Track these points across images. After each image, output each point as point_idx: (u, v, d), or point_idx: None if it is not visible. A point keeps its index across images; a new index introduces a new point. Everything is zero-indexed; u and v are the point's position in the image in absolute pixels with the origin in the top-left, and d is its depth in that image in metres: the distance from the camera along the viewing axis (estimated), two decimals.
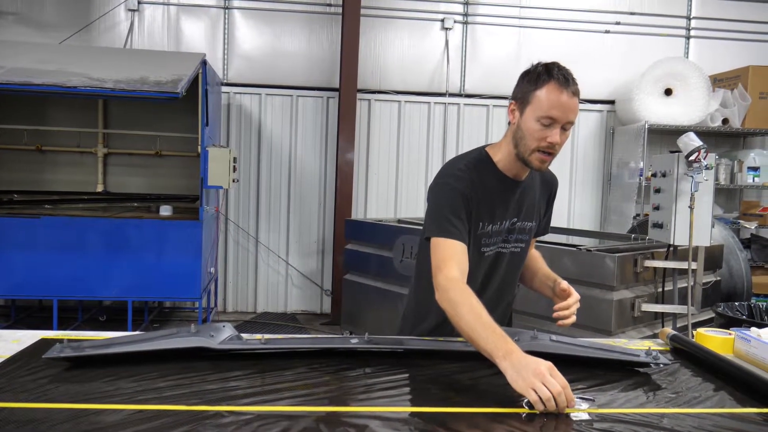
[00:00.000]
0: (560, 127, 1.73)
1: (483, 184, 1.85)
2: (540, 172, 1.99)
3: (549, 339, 1.71)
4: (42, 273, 5.04)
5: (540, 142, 1.74)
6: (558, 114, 1.71)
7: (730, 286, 4.50)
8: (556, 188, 2.13)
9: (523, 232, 1.97)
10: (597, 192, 7.05)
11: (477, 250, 1.87)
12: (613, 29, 6.92)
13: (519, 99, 1.80)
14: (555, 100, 1.70)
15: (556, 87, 1.71)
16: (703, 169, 3.38)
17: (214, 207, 5.89)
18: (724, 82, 6.66)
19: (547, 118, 1.71)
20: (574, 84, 1.74)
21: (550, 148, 1.75)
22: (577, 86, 1.75)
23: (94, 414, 1.25)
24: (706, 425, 1.31)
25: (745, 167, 6.46)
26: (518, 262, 2.01)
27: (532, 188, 1.98)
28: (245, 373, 1.52)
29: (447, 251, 1.75)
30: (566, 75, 1.75)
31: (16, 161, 6.27)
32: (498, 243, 1.91)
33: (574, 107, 1.73)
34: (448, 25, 6.72)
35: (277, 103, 6.64)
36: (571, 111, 1.72)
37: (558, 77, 1.73)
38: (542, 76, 1.75)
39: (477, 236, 1.86)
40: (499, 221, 1.88)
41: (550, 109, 1.70)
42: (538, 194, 2.02)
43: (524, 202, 1.95)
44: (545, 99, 1.71)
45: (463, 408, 1.35)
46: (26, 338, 1.75)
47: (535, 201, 2.01)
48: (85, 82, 4.74)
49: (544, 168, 1.84)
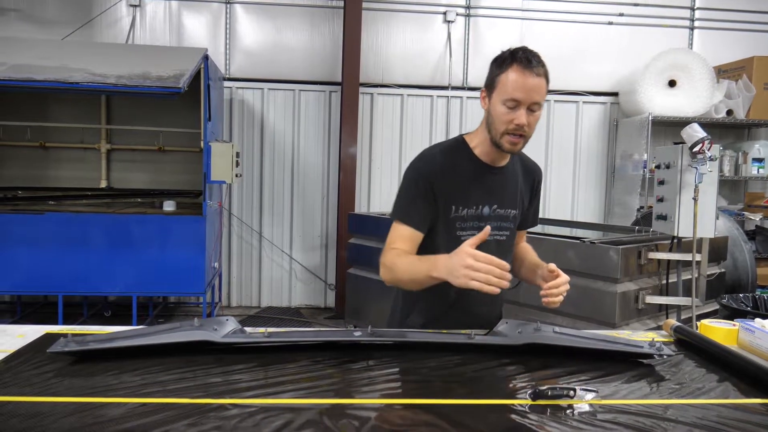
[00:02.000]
0: (527, 109, 1.76)
1: (456, 169, 1.88)
2: (522, 161, 2.03)
3: (552, 330, 1.70)
4: (47, 269, 5.06)
5: (508, 124, 1.77)
6: (521, 95, 1.74)
7: (735, 278, 4.48)
8: (540, 178, 2.12)
9: (506, 219, 1.96)
10: (601, 184, 7.03)
11: (452, 234, 1.88)
12: (617, 21, 6.88)
13: (488, 85, 1.84)
14: (518, 81, 1.74)
15: (519, 69, 1.74)
16: (707, 161, 3.36)
17: (217, 202, 5.89)
18: (729, 73, 6.62)
19: (511, 101, 1.75)
20: (538, 65, 1.76)
21: (518, 130, 1.78)
22: (544, 68, 1.77)
23: (98, 407, 1.25)
24: (710, 416, 1.30)
25: (749, 158, 6.43)
26: (504, 251, 1.97)
27: (514, 176, 1.99)
28: (249, 366, 1.52)
29: (396, 235, 1.87)
30: (530, 57, 1.77)
31: (19, 158, 6.28)
32: (476, 228, 1.88)
33: (537, 88, 1.75)
34: (450, 18, 6.70)
35: (280, 97, 6.63)
36: (534, 92, 1.74)
37: (521, 59, 1.76)
38: (506, 61, 1.79)
39: (450, 220, 1.87)
40: (475, 206, 1.89)
41: (513, 92, 1.74)
42: (521, 182, 2.02)
43: (506, 189, 1.95)
44: (509, 82, 1.75)
45: (466, 400, 1.35)
46: (31, 333, 1.75)
47: (518, 189, 2.01)
48: (87, 78, 4.74)
49: (516, 150, 1.86)
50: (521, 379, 1.49)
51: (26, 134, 6.10)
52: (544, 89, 1.77)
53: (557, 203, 6.94)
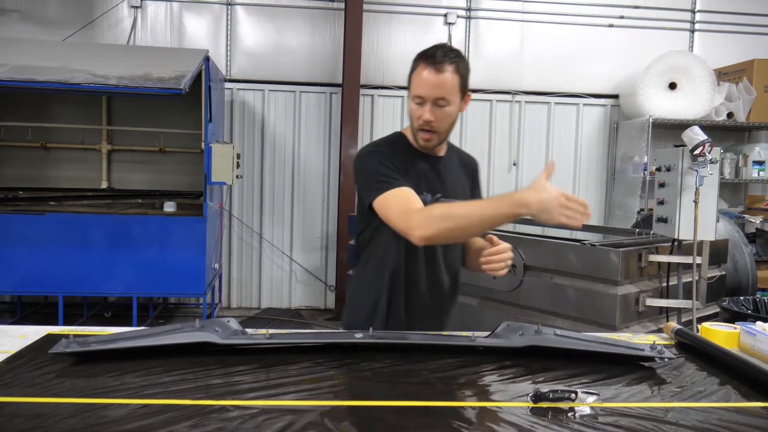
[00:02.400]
0: (433, 104, 1.79)
1: (401, 158, 1.89)
2: (458, 154, 2.08)
3: (553, 333, 1.70)
4: (47, 269, 5.06)
5: (417, 121, 1.83)
6: (423, 92, 1.78)
7: (735, 281, 4.48)
8: (476, 169, 2.15)
9: None
10: (601, 187, 7.03)
11: None
12: (617, 23, 6.88)
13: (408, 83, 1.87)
14: (420, 78, 1.78)
15: (423, 66, 1.78)
16: (707, 163, 3.36)
17: (217, 203, 5.90)
18: (729, 75, 6.62)
19: (416, 98, 1.80)
20: (443, 61, 1.77)
21: (426, 126, 1.82)
22: (451, 63, 1.78)
23: (100, 408, 1.25)
24: (712, 419, 1.30)
25: (750, 161, 6.43)
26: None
27: (452, 166, 2.02)
28: (250, 367, 1.53)
29: (402, 197, 1.77)
30: (436, 53, 1.78)
31: (20, 158, 6.28)
32: None
33: (440, 83, 1.77)
34: (451, 20, 6.70)
35: (280, 98, 6.64)
36: (437, 87, 1.77)
37: (427, 57, 1.79)
38: (416, 61, 1.82)
39: None
40: (421, 193, 1.89)
41: (417, 88, 1.80)
42: (460, 173, 2.06)
43: (447, 179, 1.98)
44: (414, 79, 1.81)
45: (468, 402, 1.36)
46: (32, 334, 1.75)
47: (459, 179, 2.04)
48: (88, 79, 4.74)
49: (428, 146, 1.90)
50: (522, 382, 1.49)
51: (27, 135, 6.10)
52: (449, 84, 1.78)
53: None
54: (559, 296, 3.54)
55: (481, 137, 6.83)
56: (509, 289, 3.75)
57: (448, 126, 1.88)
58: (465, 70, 1.84)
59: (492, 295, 3.87)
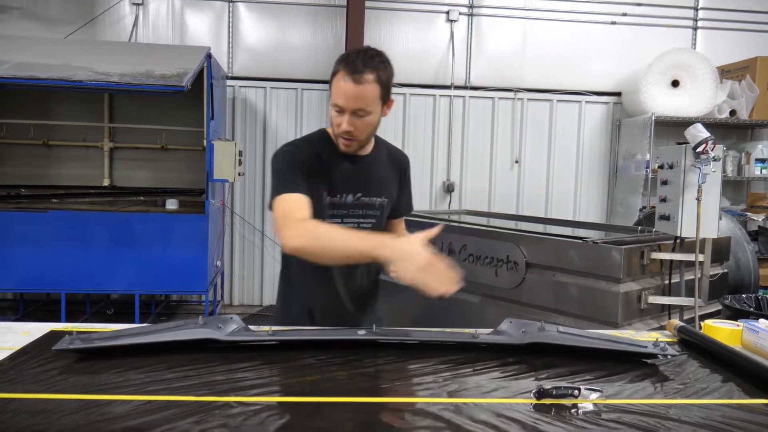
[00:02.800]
0: (353, 114, 1.78)
1: (320, 158, 1.90)
2: (388, 150, 2.08)
3: (556, 330, 1.70)
4: (50, 267, 5.07)
5: (337, 128, 1.83)
6: (342, 102, 1.77)
7: (737, 279, 4.47)
8: (405, 166, 2.14)
9: (371, 207, 1.99)
10: (603, 184, 7.02)
11: (323, 219, 1.91)
12: (620, 20, 6.87)
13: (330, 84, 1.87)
14: (340, 88, 1.76)
15: (342, 76, 1.76)
16: (710, 161, 3.35)
17: (219, 200, 5.90)
18: (732, 73, 6.61)
19: (335, 106, 1.80)
20: (363, 71, 1.75)
21: (345, 135, 1.82)
22: (372, 72, 1.76)
23: (103, 405, 1.26)
24: (715, 416, 1.30)
25: (752, 159, 6.41)
26: None
27: (378, 165, 2.02)
28: (253, 364, 1.53)
29: (290, 203, 1.79)
30: (357, 62, 1.76)
31: (22, 156, 6.29)
32: (341, 216, 1.94)
33: (359, 95, 1.75)
34: (453, 18, 6.69)
35: (282, 96, 6.63)
36: (357, 99, 1.75)
37: (347, 65, 1.76)
38: (337, 65, 1.80)
39: (319, 205, 1.89)
40: (339, 194, 1.93)
41: (336, 98, 1.78)
42: (387, 171, 2.05)
43: (370, 178, 1.98)
44: (334, 88, 1.79)
45: (471, 399, 1.36)
46: (36, 330, 1.76)
47: (383, 177, 2.03)
48: (90, 76, 4.74)
49: (349, 151, 1.90)
50: (525, 379, 1.49)
51: (29, 132, 6.11)
52: (369, 96, 1.76)
53: (559, 203, 6.94)
54: (561, 293, 3.53)
55: (483, 135, 6.82)
56: (511, 286, 3.74)
57: (368, 133, 1.89)
58: (387, 76, 1.82)
59: (493, 293, 3.87)
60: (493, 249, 3.84)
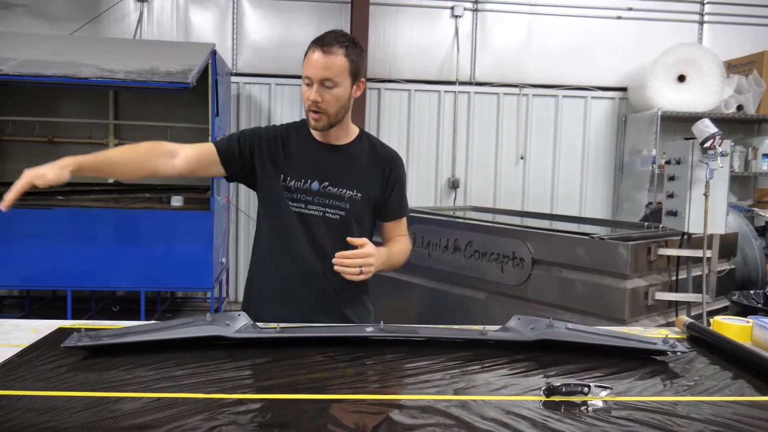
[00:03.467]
0: (320, 85, 1.84)
1: (290, 142, 1.99)
2: (374, 149, 2.07)
3: (565, 327, 1.69)
4: (55, 264, 5.08)
5: (306, 102, 1.88)
6: (310, 72, 1.85)
7: (745, 274, 4.45)
8: (393, 166, 2.08)
9: (340, 198, 1.98)
10: (609, 180, 7.00)
11: (283, 202, 1.97)
12: (625, 15, 6.84)
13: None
14: (309, 60, 1.86)
15: (311, 49, 1.86)
16: (718, 156, 3.33)
17: (224, 197, 5.90)
18: (739, 68, 6.57)
19: (305, 78, 1.87)
20: (332, 44, 1.84)
21: (313, 107, 1.87)
22: (341, 47, 1.85)
23: (112, 402, 1.25)
24: (725, 413, 1.29)
25: (759, 154, 6.38)
26: (339, 232, 1.98)
27: (357, 158, 2.02)
28: (261, 361, 1.53)
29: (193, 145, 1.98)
30: (325, 37, 1.86)
31: (28, 153, 6.29)
32: (305, 202, 1.97)
33: (327, 65, 1.83)
34: (457, 13, 6.67)
35: (287, 92, 6.63)
36: (323, 68, 1.83)
37: (317, 40, 1.87)
38: (309, 45, 1.89)
39: (278, 188, 1.97)
40: (304, 179, 1.97)
41: (305, 69, 1.86)
42: (366, 166, 2.03)
43: (342, 169, 1.99)
44: (305, 62, 1.88)
45: (479, 396, 1.35)
46: (44, 328, 1.76)
47: (359, 171, 2.02)
48: (95, 73, 4.74)
49: (318, 127, 1.94)
50: (534, 376, 1.48)
51: (34, 129, 6.12)
52: (336, 67, 1.84)
53: (565, 199, 6.92)
54: (568, 290, 3.52)
55: (489, 130, 6.81)
56: (517, 283, 3.74)
57: (337, 109, 1.91)
58: (356, 56, 1.89)
59: (500, 290, 3.86)
60: (499, 245, 3.83)
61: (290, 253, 1.99)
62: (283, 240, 1.99)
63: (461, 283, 4.08)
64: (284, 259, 2.00)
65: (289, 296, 2.01)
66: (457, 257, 4.07)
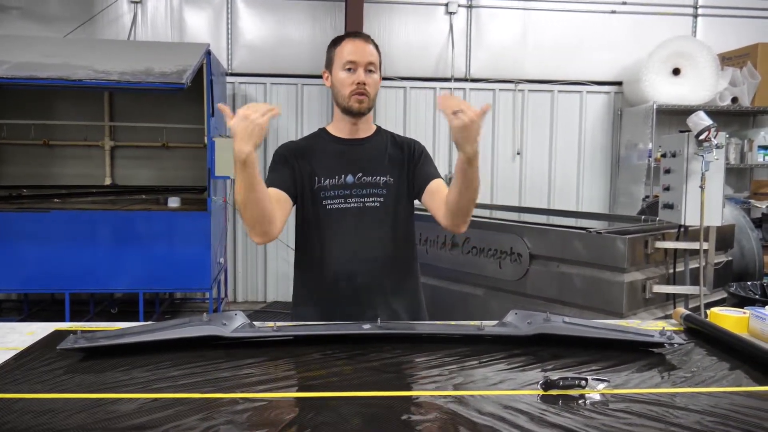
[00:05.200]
0: (363, 69, 1.96)
1: (313, 149, 2.06)
2: (393, 138, 2.15)
3: (562, 321, 1.70)
4: (53, 266, 5.07)
5: (351, 86, 1.96)
6: (356, 57, 1.96)
7: (742, 266, 4.46)
8: (416, 146, 2.16)
9: (375, 186, 2.03)
10: (605, 174, 7.00)
11: (318, 204, 2.00)
12: (619, 9, 6.83)
13: (327, 65, 2.05)
14: (350, 47, 1.97)
15: (350, 39, 2.00)
16: (713, 148, 3.34)
17: (222, 197, 5.89)
18: (733, 60, 6.58)
19: (348, 63, 1.96)
20: (364, 36, 2.03)
21: (360, 89, 1.96)
22: (372, 42, 2.02)
23: (109, 403, 1.25)
24: (723, 404, 1.30)
25: (755, 146, 6.39)
26: (379, 219, 2.02)
27: (379, 147, 2.09)
28: (258, 360, 1.53)
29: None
30: (358, 32, 2.06)
31: (24, 156, 6.28)
32: (343, 197, 2.00)
33: (370, 51, 1.98)
34: (452, 10, 6.66)
35: (282, 91, 6.62)
36: (367, 53, 1.97)
37: (349, 34, 2.04)
38: (339, 38, 2.03)
39: (315, 191, 2.00)
40: (336, 176, 2.01)
41: (348, 55, 1.96)
42: (390, 152, 2.09)
43: (370, 159, 2.05)
44: (343, 50, 1.98)
45: (477, 391, 1.35)
46: (40, 330, 1.76)
47: (386, 158, 2.07)
48: (90, 75, 4.73)
49: (362, 109, 2.00)
50: (532, 370, 1.49)
51: (30, 132, 6.10)
52: (376, 55, 2.00)
53: (562, 194, 6.92)
54: (566, 284, 3.53)
55: (485, 126, 6.75)
56: (515, 278, 3.74)
57: (376, 93, 2.03)
58: (380, 51, 2.04)
59: (498, 285, 3.86)
60: (497, 241, 3.84)
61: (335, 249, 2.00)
62: (327, 239, 2.00)
63: (460, 279, 4.09)
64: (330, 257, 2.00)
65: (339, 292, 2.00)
66: (455, 254, 4.07)
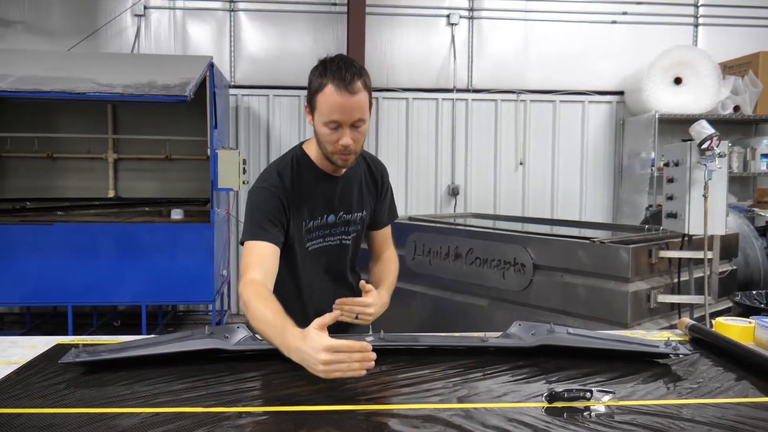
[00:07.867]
0: (350, 126, 1.70)
1: (301, 184, 1.86)
2: (366, 161, 2.02)
3: (566, 332, 1.68)
4: (56, 279, 5.07)
5: (334, 145, 1.73)
6: (340, 117, 1.68)
7: (747, 275, 4.44)
8: (384, 174, 2.09)
9: (353, 223, 1.98)
10: (608, 184, 6.99)
11: (302, 246, 1.90)
12: (620, 19, 6.86)
13: (308, 103, 1.78)
14: (334, 103, 1.67)
15: (333, 90, 1.67)
16: (716, 157, 3.33)
17: (224, 209, 5.90)
18: (734, 69, 6.58)
19: (332, 122, 1.69)
20: (354, 80, 1.67)
21: (345, 150, 1.73)
22: (360, 81, 1.69)
23: (111, 418, 1.25)
24: (729, 415, 1.28)
25: (758, 154, 6.38)
26: (351, 250, 2.02)
27: (355, 180, 1.97)
28: (260, 373, 1.52)
29: (255, 255, 1.77)
30: (344, 73, 1.68)
31: (27, 169, 6.31)
32: (323, 236, 1.93)
33: (356, 106, 1.68)
34: (453, 21, 6.69)
35: (285, 103, 6.64)
36: (353, 111, 1.68)
37: (335, 78, 1.67)
38: (321, 79, 1.71)
39: (302, 234, 1.88)
40: (320, 216, 1.90)
41: (331, 114, 1.68)
42: (365, 184, 2.01)
43: (350, 195, 1.95)
44: (325, 104, 1.68)
45: (481, 404, 1.34)
46: (42, 344, 1.75)
47: (362, 192, 1.99)
48: (93, 88, 4.75)
49: (348, 164, 1.81)
50: (536, 382, 1.47)
51: (33, 145, 6.13)
52: (364, 105, 1.71)
53: (565, 204, 6.91)
54: (570, 295, 3.51)
55: (487, 137, 6.81)
56: (519, 288, 3.72)
57: (362, 144, 1.81)
58: (369, 80, 1.76)
59: (502, 296, 3.84)
60: (500, 251, 3.82)
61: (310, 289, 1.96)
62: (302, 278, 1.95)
63: (463, 290, 4.07)
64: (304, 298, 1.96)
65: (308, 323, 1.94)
66: (458, 264, 4.06)
